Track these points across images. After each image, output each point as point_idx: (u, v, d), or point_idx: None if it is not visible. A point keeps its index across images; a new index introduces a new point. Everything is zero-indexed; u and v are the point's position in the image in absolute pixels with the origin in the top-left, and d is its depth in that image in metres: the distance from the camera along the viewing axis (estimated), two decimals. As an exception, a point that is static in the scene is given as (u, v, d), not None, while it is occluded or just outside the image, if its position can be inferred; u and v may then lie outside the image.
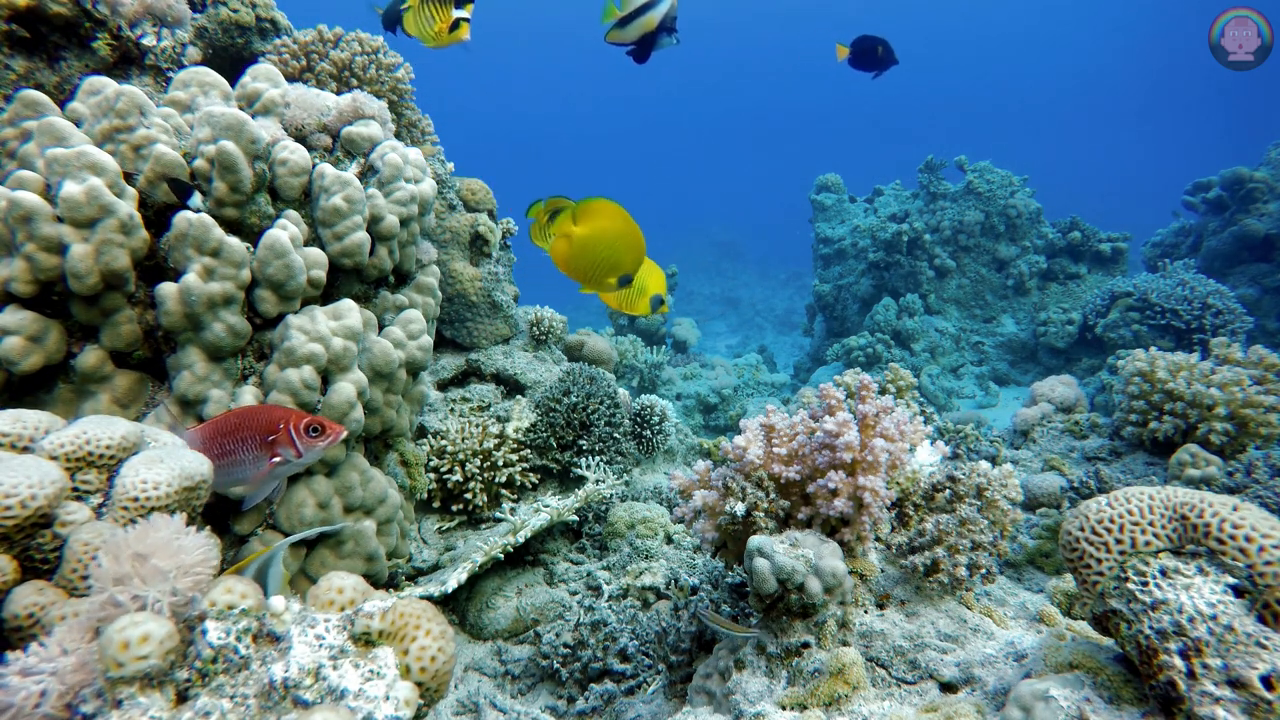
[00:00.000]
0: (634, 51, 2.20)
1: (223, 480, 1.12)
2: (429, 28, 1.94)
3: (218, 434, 1.11)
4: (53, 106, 1.46)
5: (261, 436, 1.12)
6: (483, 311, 2.56)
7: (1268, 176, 5.77)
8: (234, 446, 1.11)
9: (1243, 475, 1.95)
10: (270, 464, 1.13)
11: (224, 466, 1.11)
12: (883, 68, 3.58)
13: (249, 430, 1.12)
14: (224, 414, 1.14)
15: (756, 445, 1.25)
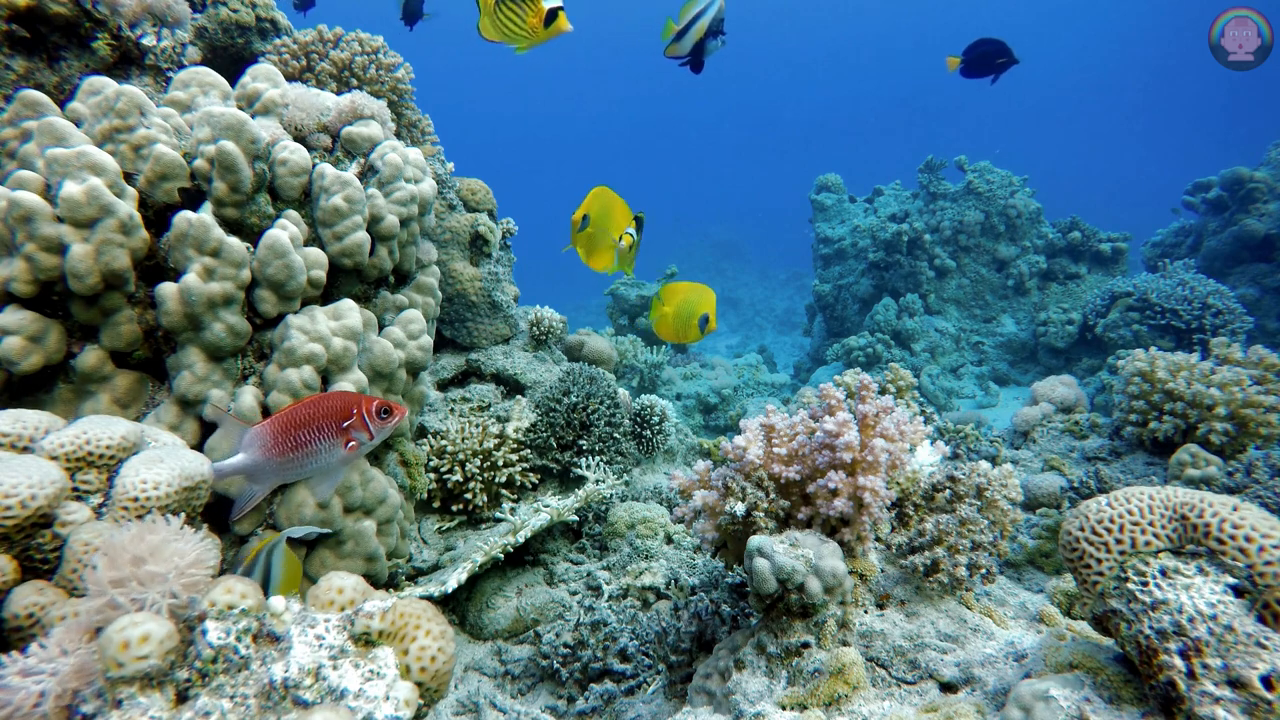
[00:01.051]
0: (689, 62, 2.20)
1: (297, 471, 1.14)
2: (516, 26, 1.70)
3: (291, 426, 1.12)
4: (53, 106, 1.46)
5: (336, 423, 1.14)
6: (483, 311, 2.56)
7: (1268, 176, 5.76)
8: (309, 437, 1.12)
9: (1243, 475, 1.95)
10: (348, 449, 1.15)
11: (300, 458, 1.12)
12: (1001, 71, 3.41)
13: (324, 419, 1.13)
14: (293, 405, 1.15)
15: (756, 445, 1.25)
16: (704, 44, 2.19)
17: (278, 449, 1.10)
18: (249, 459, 1.10)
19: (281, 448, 1.10)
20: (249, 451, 1.10)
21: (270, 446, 1.10)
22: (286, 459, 1.11)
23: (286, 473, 1.13)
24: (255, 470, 1.11)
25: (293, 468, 1.12)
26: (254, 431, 1.11)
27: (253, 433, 1.11)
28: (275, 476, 1.14)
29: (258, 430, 1.11)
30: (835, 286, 6.86)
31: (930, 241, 6.29)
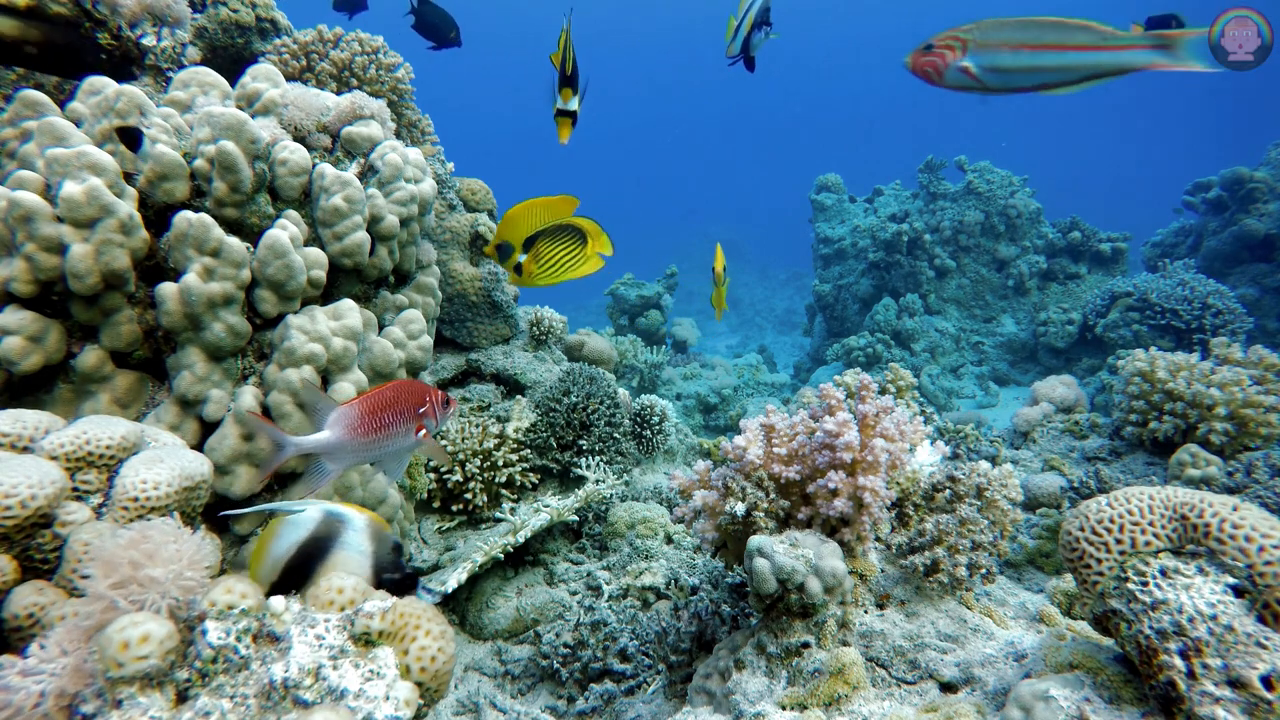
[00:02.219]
0: (743, 60, 2.10)
1: (375, 453, 1.17)
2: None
3: (377, 408, 1.15)
4: (53, 106, 1.46)
5: (414, 409, 1.17)
6: (483, 311, 2.56)
7: (1268, 176, 5.76)
8: (392, 420, 1.15)
9: (1243, 475, 1.95)
10: (422, 434, 1.19)
11: (381, 439, 1.15)
12: None
13: (405, 403, 1.17)
14: (377, 390, 1.18)
15: (756, 445, 1.25)
16: (750, 38, 2.08)
17: (364, 429, 1.13)
18: (334, 437, 1.13)
19: (367, 428, 1.13)
20: (334, 430, 1.12)
21: (357, 426, 1.13)
22: (370, 439, 1.14)
23: (366, 453, 1.16)
24: (336, 448, 1.14)
25: (373, 449, 1.15)
26: (340, 410, 1.13)
27: (339, 412, 1.13)
28: (354, 456, 1.16)
29: (345, 410, 1.13)
30: (835, 286, 6.86)
31: (930, 241, 6.29)
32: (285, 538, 0.95)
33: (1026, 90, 1.34)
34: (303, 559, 0.94)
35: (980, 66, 1.31)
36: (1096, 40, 1.25)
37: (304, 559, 0.94)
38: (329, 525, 0.96)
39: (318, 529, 0.95)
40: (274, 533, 0.96)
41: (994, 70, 1.31)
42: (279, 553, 0.95)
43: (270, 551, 0.95)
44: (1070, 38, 1.25)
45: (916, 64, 1.37)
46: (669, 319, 5.93)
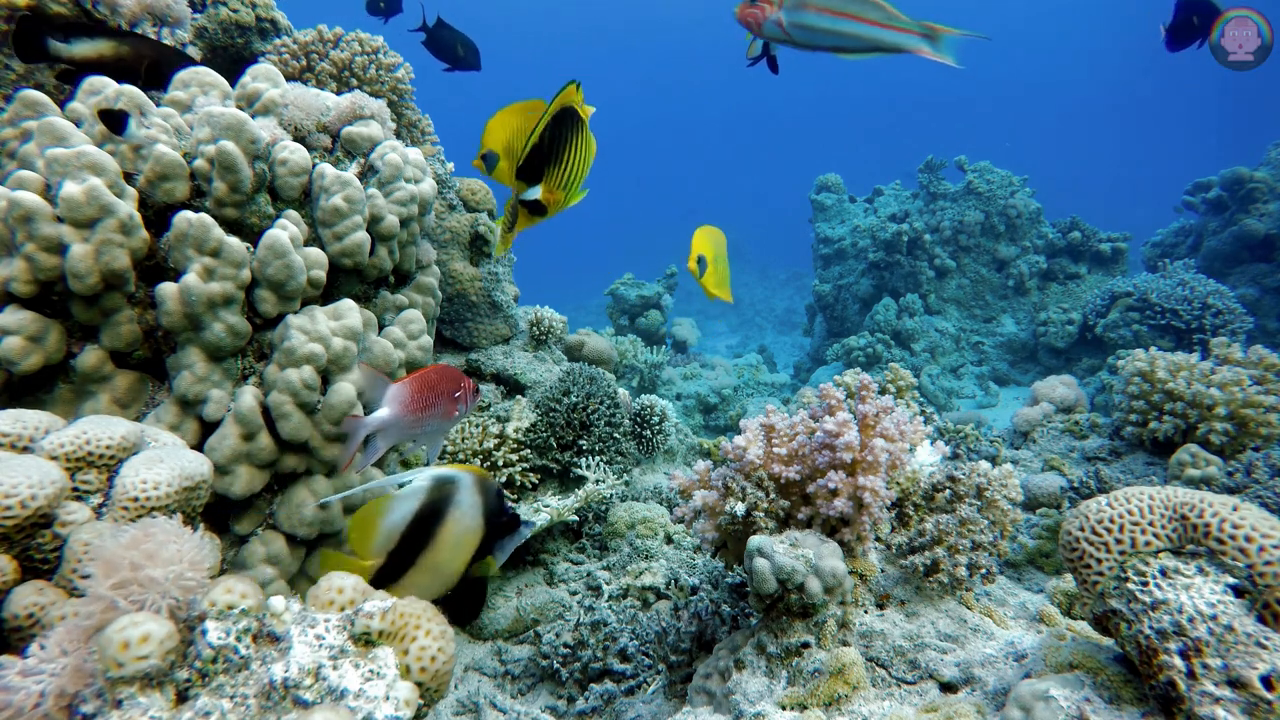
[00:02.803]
0: (765, 60, 2.01)
1: (418, 431, 1.24)
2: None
3: (425, 388, 1.23)
4: (53, 106, 1.46)
5: (451, 392, 1.26)
6: (483, 311, 2.56)
7: (1268, 176, 5.76)
8: (436, 400, 1.23)
9: (1243, 475, 1.95)
10: (454, 413, 1.28)
11: (426, 418, 1.23)
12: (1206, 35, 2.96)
13: (445, 385, 1.25)
14: (422, 372, 1.25)
15: (756, 445, 1.25)
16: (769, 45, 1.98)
17: (414, 407, 1.21)
18: (390, 414, 1.20)
19: (416, 406, 1.21)
20: (391, 407, 1.19)
21: (409, 404, 1.20)
22: (417, 418, 1.21)
23: (411, 431, 1.24)
24: (392, 424, 1.20)
25: (418, 427, 1.23)
26: (395, 389, 1.20)
27: (394, 389, 1.20)
28: (401, 434, 1.23)
29: (398, 388, 1.20)
30: (835, 286, 6.86)
31: (930, 241, 6.29)
32: (398, 509, 1.00)
33: (825, 50, 1.49)
34: (419, 525, 1.00)
35: (790, 23, 1.46)
36: (883, 19, 1.42)
37: (421, 524, 1.01)
38: (441, 489, 1.02)
39: (430, 494, 1.01)
40: (383, 508, 1.00)
41: (801, 27, 1.46)
42: (394, 523, 1.00)
43: (383, 525, 0.99)
44: (864, 12, 1.42)
45: (742, 14, 1.50)
46: (669, 319, 5.94)
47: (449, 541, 1.02)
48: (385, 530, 1.00)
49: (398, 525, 1.01)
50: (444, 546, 1.03)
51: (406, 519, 1.01)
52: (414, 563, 1.02)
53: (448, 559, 1.04)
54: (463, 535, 1.03)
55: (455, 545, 1.03)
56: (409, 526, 1.01)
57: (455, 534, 1.02)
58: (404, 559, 1.02)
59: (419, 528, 1.01)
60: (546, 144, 1.43)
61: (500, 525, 1.06)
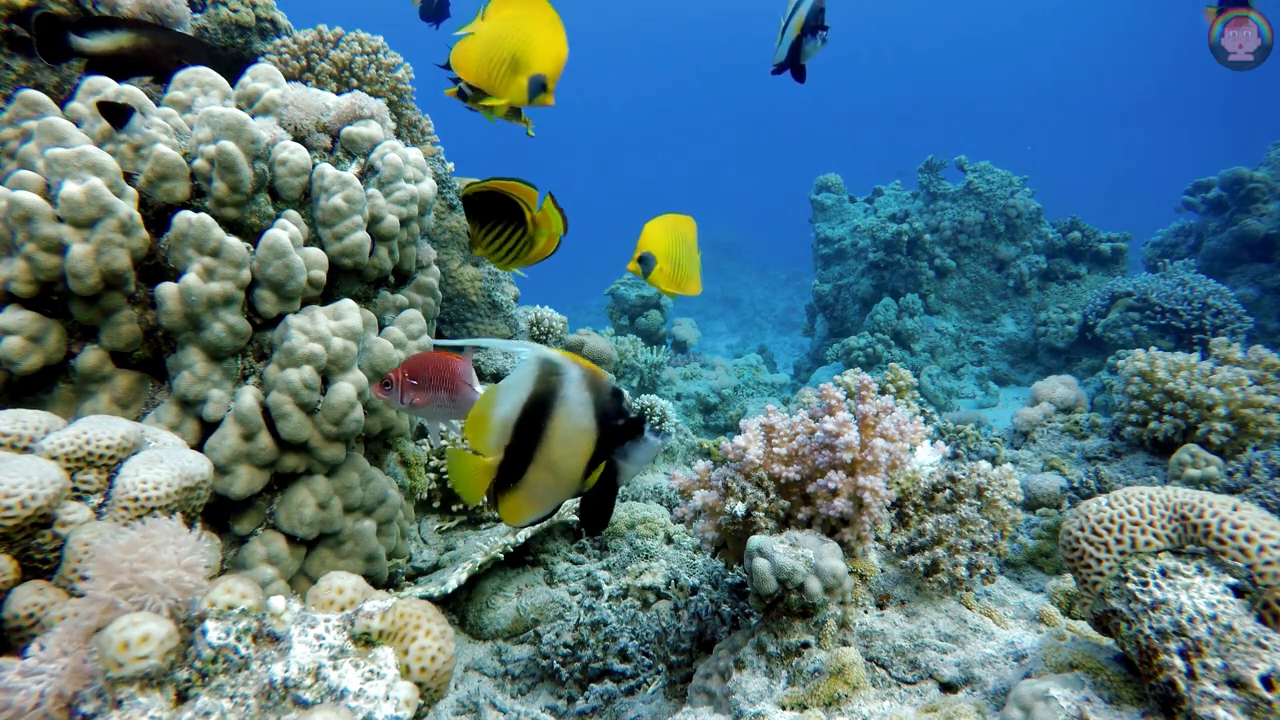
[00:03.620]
0: (787, 68, 1.84)
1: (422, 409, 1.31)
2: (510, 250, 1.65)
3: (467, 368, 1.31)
4: (53, 106, 1.46)
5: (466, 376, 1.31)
6: (483, 311, 2.56)
7: (1268, 176, 5.76)
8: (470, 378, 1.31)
9: (1243, 475, 1.95)
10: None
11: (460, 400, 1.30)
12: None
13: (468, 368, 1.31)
14: (448, 356, 1.31)
15: (756, 445, 1.25)
16: (801, 44, 1.78)
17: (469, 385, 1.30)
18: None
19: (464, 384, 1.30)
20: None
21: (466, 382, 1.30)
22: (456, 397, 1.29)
23: (446, 411, 1.31)
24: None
25: (421, 407, 1.31)
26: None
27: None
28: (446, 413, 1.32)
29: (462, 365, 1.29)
30: (835, 286, 6.86)
31: (930, 241, 6.29)
32: (506, 400, 0.94)
33: None
34: (530, 417, 0.94)
35: None
36: None
37: (531, 417, 0.94)
38: (546, 381, 0.94)
39: (537, 386, 0.94)
40: (493, 399, 0.95)
41: None
42: (504, 415, 0.94)
43: (495, 417, 0.95)
44: None
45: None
46: (669, 319, 5.94)
47: (559, 438, 0.94)
48: (497, 423, 0.94)
49: (509, 417, 0.94)
50: (556, 443, 0.95)
51: (516, 410, 0.94)
52: (532, 459, 0.96)
53: (562, 458, 0.95)
54: (572, 434, 0.94)
55: (566, 443, 0.94)
56: (520, 419, 0.94)
57: (565, 431, 0.94)
58: (522, 454, 0.96)
59: (530, 421, 0.94)
60: None
61: (618, 429, 0.95)
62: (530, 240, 1.62)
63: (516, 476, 0.97)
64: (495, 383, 2.63)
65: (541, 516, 1.01)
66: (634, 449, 0.97)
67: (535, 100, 1.46)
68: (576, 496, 0.99)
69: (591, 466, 0.96)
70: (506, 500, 0.99)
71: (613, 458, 0.97)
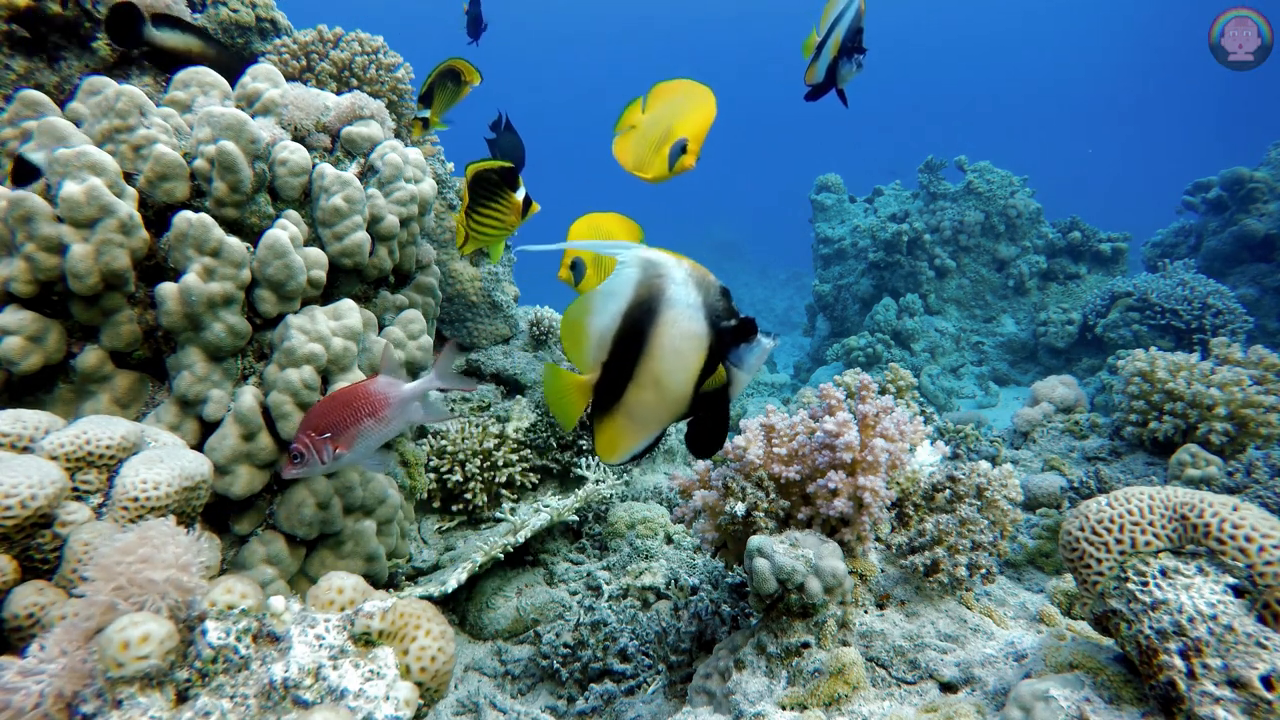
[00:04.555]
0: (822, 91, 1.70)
1: (351, 453, 1.16)
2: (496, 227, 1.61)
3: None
4: (53, 106, 1.46)
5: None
6: (483, 311, 2.56)
7: (1268, 176, 5.76)
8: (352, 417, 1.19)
9: (1243, 475, 1.95)
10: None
11: (355, 436, 1.17)
12: None
13: (355, 400, 1.18)
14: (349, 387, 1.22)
15: (756, 445, 1.25)
16: (838, 68, 1.63)
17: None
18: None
19: (387, 397, 1.21)
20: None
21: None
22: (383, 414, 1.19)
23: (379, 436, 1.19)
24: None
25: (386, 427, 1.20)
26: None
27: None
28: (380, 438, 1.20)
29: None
30: (835, 286, 6.86)
31: (930, 241, 6.29)
32: (605, 309, 0.84)
33: None
34: (631, 327, 0.84)
35: None
36: None
37: (632, 327, 0.84)
38: (649, 285, 0.83)
39: (639, 291, 0.83)
40: (589, 307, 0.85)
41: None
42: (602, 326, 0.85)
43: (591, 327, 0.85)
44: None
45: None
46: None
47: (667, 348, 0.83)
48: (594, 334, 0.85)
49: (607, 329, 0.84)
50: (662, 354, 0.84)
51: (615, 320, 0.84)
52: (632, 376, 0.85)
53: (670, 370, 0.84)
54: (682, 341, 0.83)
55: (675, 353, 0.84)
56: (620, 330, 0.83)
57: (673, 339, 0.83)
58: (622, 370, 0.85)
59: (631, 330, 0.84)
60: None
61: (730, 330, 0.84)
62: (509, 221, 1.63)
63: (616, 397, 0.86)
64: (495, 384, 2.62)
65: (642, 449, 0.90)
66: (748, 353, 0.86)
67: (676, 167, 1.42)
68: (683, 419, 0.88)
69: (702, 379, 0.85)
70: (603, 428, 0.88)
71: (727, 364, 0.85)
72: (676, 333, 0.83)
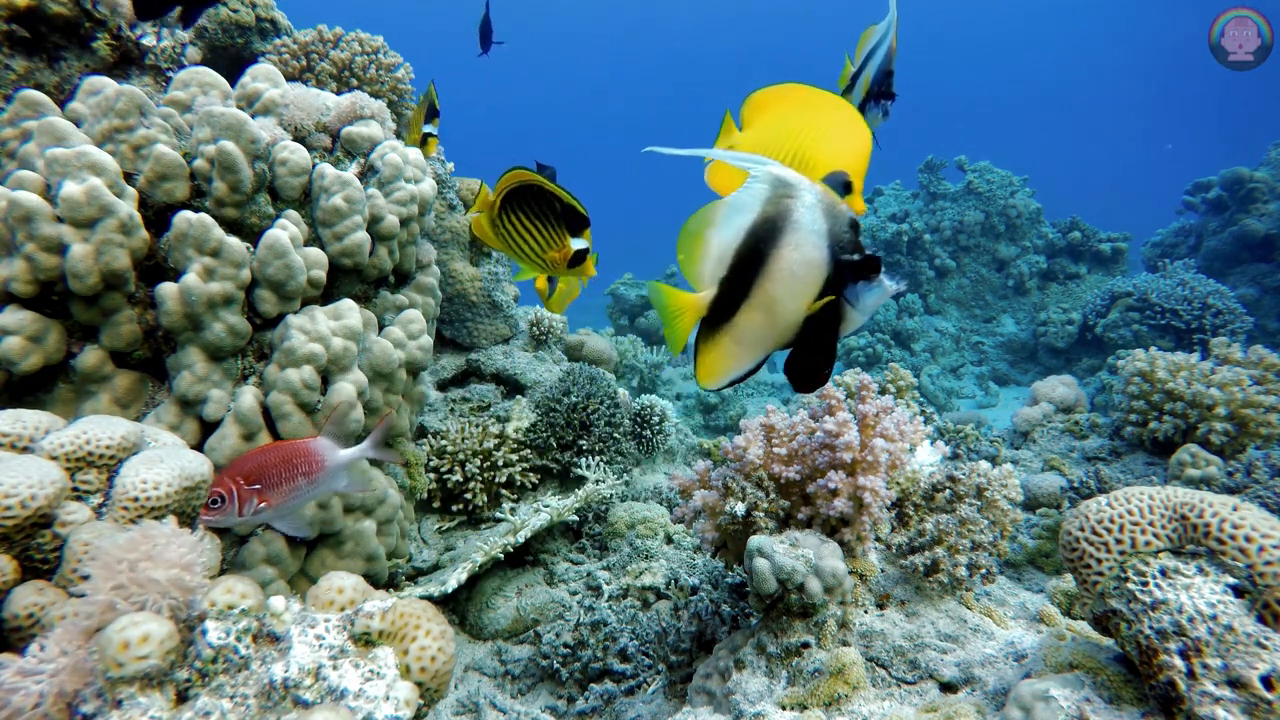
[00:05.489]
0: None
1: (275, 509, 1.08)
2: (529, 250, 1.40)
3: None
4: (53, 106, 1.46)
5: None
6: (483, 311, 2.56)
7: (1268, 176, 5.77)
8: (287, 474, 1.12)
9: (1243, 475, 1.95)
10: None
11: (286, 495, 1.09)
12: None
13: (293, 456, 1.10)
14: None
15: (756, 445, 1.25)
16: (864, 110, 1.43)
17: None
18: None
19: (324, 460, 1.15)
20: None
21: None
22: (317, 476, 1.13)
23: (306, 497, 1.13)
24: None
25: (315, 489, 1.13)
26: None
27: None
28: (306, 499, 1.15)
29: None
30: (835, 286, 6.85)
31: (930, 241, 6.29)
32: (730, 222, 0.79)
33: None
34: (755, 245, 0.79)
35: None
36: None
37: (756, 245, 0.79)
38: (777, 203, 0.78)
39: (766, 209, 0.78)
40: (712, 219, 0.80)
41: None
42: (726, 241, 0.79)
43: (713, 242, 0.80)
44: None
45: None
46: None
47: (785, 271, 0.79)
48: (716, 248, 0.80)
49: (730, 244, 0.79)
50: (780, 277, 0.79)
51: (739, 236, 0.79)
52: (747, 295, 0.81)
53: (785, 295, 0.80)
54: (801, 267, 0.78)
55: (792, 278, 0.79)
56: (742, 245, 0.79)
57: (792, 264, 0.78)
58: (737, 289, 0.81)
59: (753, 249, 0.79)
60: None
61: (851, 265, 0.80)
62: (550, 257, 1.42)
63: (725, 317, 0.82)
64: (495, 384, 2.62)
65: (741, 374, 0.86)
66: (865, 292, 0.82)
67: None
68: (785, 348, 0.84)
69: (814, 310, 0.80)
70: (708, 350, 0.84)
71: (841, 298, 0.81)
72: (798, 257, 0.78)
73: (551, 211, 1.35)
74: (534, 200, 1.35)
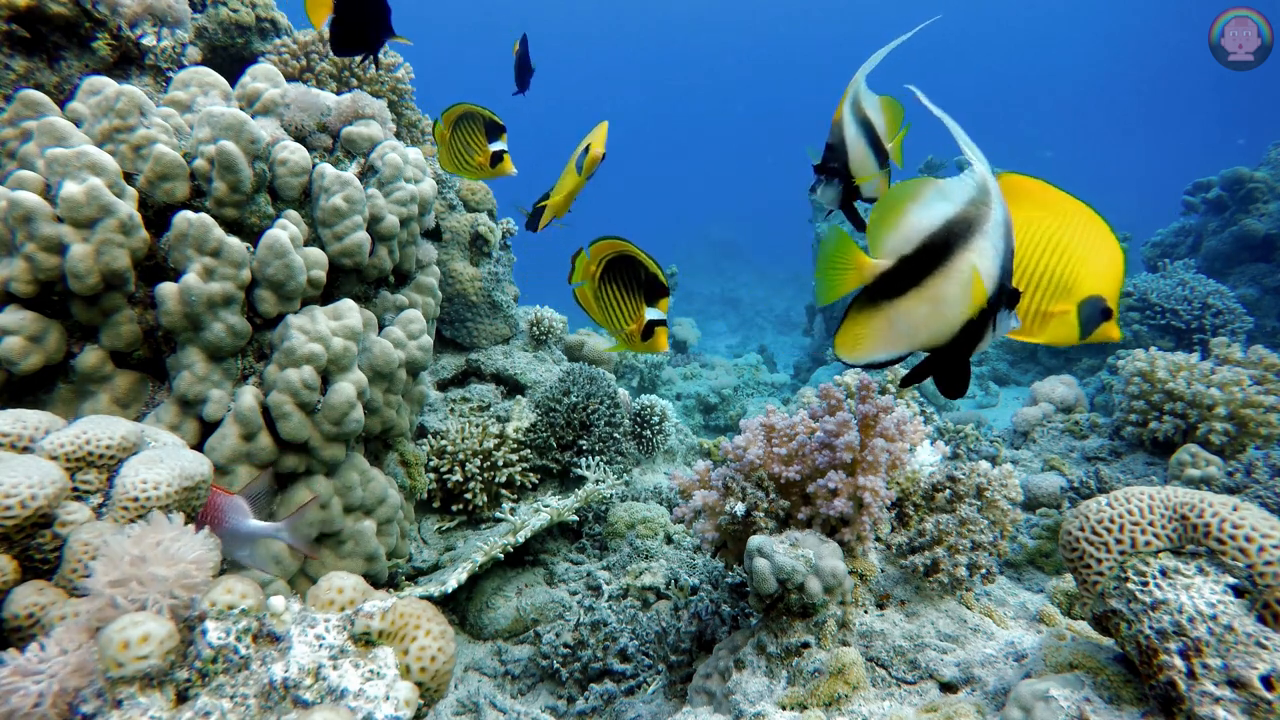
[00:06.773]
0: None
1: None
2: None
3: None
4: (53, 106, 1.46)
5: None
6: (483, 311, 2.56)
7: (1268, 176, 5.77)
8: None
9: (1243, 475, 1.95)
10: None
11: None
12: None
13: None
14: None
15: (756, 445, 1.25)
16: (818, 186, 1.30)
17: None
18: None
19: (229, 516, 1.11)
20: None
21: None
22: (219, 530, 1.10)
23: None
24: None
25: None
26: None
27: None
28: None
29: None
30: (835, 286, 6.84)
31: (930, 241, 6.28)
32: (933, 206, 0.79)
33: None
34: (945, 238, 0.79)
35: None
36: None
37: (946, 238, 0.79)
38: (978, 207, 0.79)
39: (967, 209, 0.79)
40: (918, 195, 0.80)
41: None
42: (924, 224, 0.79)
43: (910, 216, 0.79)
44: None
45: None
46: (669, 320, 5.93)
47: (965, 274, 0.78)
48: (910, 224, 0.79)
49: (925, 226, 0.79)
50: (959, 278, 0.78)
51: (936, 223, 0.78)
52: (919, 283, 0.80)
53: (955, 296, 0.79)
54: (972, 277, 0.78)
55: (963, 285, 0.79)
56: (935, 233, 0.78)
57: (965, 270, 0.78)
58: (911, 272, 0.80)
59: (942, 240, 0.78)
60: None
61: (1009, 292, 0.81)
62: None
63: (889, 295, 0.81)
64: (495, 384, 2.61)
65: (882, 359, 0.85)
66: (1003, 320, 0.83)
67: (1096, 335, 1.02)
68: (928, 350, 0.84)
69: (968, 322, 0.80)
70: (860, 320, 0.83)
71: (992, 318, 0.82)
72: (982, 265, 0.78)
73: (636, 280, 1.30)
74: (625, 270, 1.31)
